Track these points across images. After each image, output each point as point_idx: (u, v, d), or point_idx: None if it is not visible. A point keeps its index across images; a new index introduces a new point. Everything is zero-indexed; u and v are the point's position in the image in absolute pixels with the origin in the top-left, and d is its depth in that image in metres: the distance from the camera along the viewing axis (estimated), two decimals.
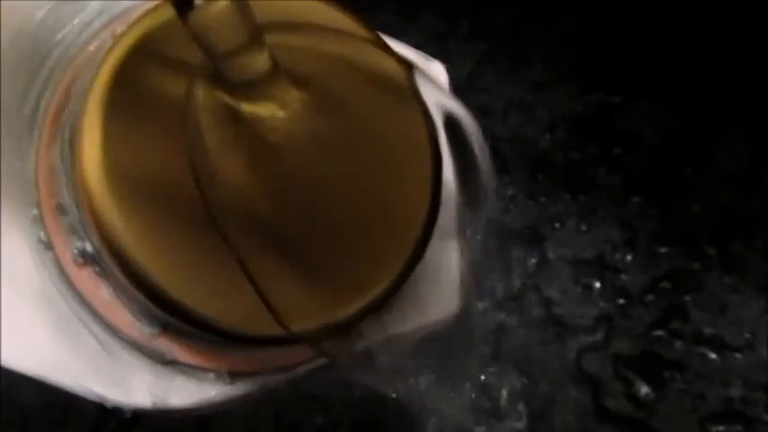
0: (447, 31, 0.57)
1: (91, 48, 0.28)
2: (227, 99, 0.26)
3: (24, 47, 0.28)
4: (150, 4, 0.28)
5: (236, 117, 0.26)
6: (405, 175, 0.28)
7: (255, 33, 0.25)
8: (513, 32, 0.57)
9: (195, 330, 0.27)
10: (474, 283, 0.31)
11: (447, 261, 0.29)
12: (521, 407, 0.52)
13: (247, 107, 0.26)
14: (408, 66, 0.29)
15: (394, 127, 0.28)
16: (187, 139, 0.25)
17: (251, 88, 0.26)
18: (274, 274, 0.26)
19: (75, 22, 0.28)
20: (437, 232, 0.28)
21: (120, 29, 0.28)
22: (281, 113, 0.27)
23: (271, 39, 0.26)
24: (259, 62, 0.25)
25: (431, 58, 0.32)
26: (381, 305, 0.27)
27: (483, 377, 0.52)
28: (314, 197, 0.27)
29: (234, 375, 0.28)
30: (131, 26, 0.27)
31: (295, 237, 0.27)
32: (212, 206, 0.25)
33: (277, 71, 0.26)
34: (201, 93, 0.26)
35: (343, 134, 0.28)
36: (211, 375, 0.28)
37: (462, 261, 0.30)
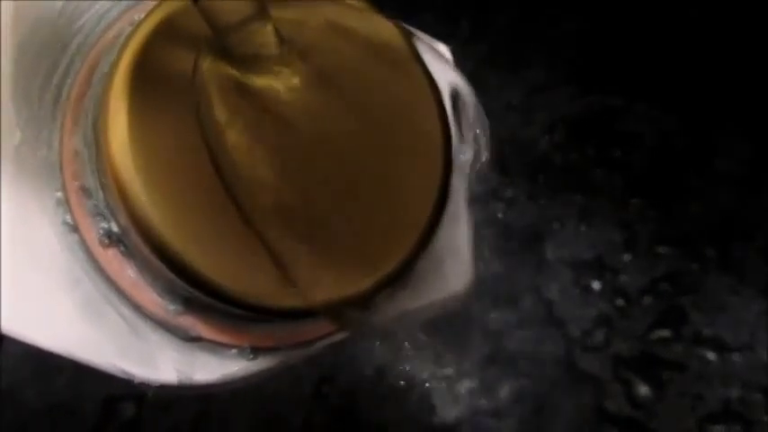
0: (447, 32, 0.57)
1: (110, 35, 0.29)
2: (235, 73, 0.26)
3: (45, 36, 0.28)
4: None
5: (243, 90, 0.26)
6: (416, 146, 0.28)
7: (260, 6, 0.25)
8: (513, 34, 0.58)
9: (218, 306, 0.27)
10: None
11: (460, 236, 0.29)
12: (520, 407, 0.52)
13: (255, 81, 0.26)
14: (408, 33, 0.29)
15: (400, 97, 0.28)
16: (197, 111, 0.26)
17: (257, 62, 0.26)
18: (293, 248, 0.26)
19: (93, 10, 0.29)
20: (449, 206, 0.28)
21: (138, 16, 0.29)
22: (287, 87, 0.27)
23: (274, 12, 0.26)
24: (264, 35, 0.26)
25: (436, 40, 0.33)
26: (397, 280, 0.27)
27: (482, 377, 0.52)
28: (329, 171, 0.27)
29: (256, 351, 0.29)
30: (150, 12, 0.27)
31: (311, 211, 0.27)
32: (227, 179, 0.26)
33: (283, 44, 0.26)
34: (207, 65, 0.26)
35: (350, 107, 0.28)
36: (234, 351, 0.29)
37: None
